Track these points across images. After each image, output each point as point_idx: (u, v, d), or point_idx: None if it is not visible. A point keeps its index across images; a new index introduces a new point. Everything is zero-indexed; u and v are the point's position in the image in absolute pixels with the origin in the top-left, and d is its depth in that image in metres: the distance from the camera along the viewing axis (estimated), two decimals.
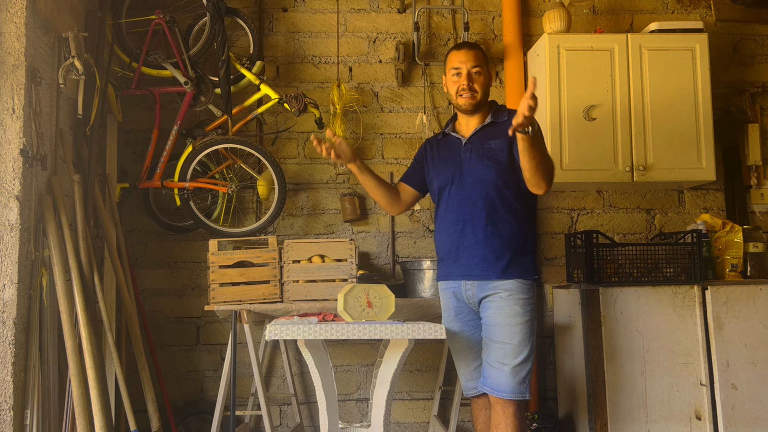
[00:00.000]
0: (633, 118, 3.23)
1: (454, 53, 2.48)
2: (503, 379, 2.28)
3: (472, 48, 2.48)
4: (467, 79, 2.41)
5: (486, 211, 2.37)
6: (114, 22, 3.20)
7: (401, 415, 3.40)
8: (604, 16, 3.66)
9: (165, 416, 3.10)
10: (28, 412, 2.50)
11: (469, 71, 2.42)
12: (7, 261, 2.49)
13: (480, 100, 2.44)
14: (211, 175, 3.24)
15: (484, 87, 2.45)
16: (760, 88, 3.66)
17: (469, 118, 2.50)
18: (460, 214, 2.42)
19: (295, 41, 3.55)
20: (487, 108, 2.50)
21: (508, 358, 2.29)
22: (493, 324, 2.34)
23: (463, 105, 2.44)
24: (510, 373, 2.28)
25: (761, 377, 2.90)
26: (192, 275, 3.40)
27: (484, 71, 2.45)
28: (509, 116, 2.43)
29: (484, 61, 2.47)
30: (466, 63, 2.43)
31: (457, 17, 3.60)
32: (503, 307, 2.33)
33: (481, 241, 2.37)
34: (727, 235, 3.17)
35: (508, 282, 2.34)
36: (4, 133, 2.55)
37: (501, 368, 2.29)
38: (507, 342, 2.30)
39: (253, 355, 2.82)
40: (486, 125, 2.46)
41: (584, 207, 3.57)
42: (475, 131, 2.47)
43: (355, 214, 3.41)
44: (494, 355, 2.32)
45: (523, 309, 2.32)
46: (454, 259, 2.44)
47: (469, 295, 2.41)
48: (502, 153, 2.40)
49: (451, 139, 2.54)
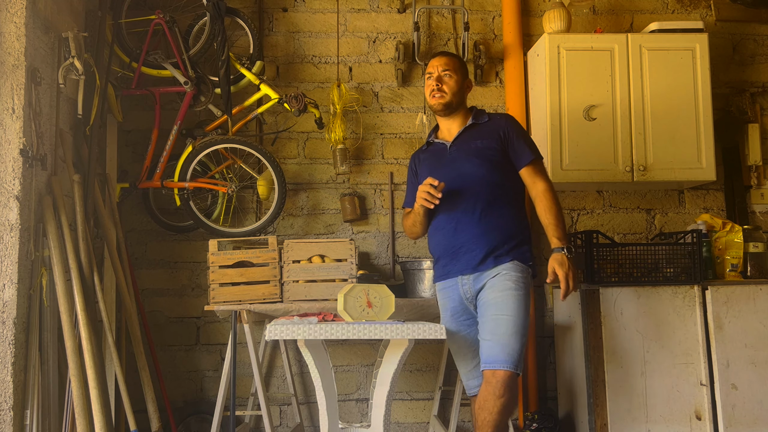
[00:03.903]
0: (633, 118, 3.23)
1: (431, 60, 2.62)
2: (494, 350, 2.27)
3: (446, 55, 2.62)
4: (437, 80, 2.53)
5: (479, 207, 2.42)
6: (114, 22, 3.20)
7: (401, 415, 3.40)
8: (604, 16, 3.66)
9: (165, 416, 3.10)
10: (28, 412, 2.50)
11: (440, 74, 2.54)
12: (7, 261, 2.49)
13: (449, 101, 2.53)
14: (211, 175, 3.24)
15: (453, 89, 2.53)
16: (760, 88, 3.66)
17: (450, 123, 2.59)
18: (452, 212, 2.46)
19: (295, 41, 3.55)
20: (465, 112, 2.61)
21: (499, 329, 2.29)
22: (485, 301, 2.36)
23: (434, 105, 2.56)
24: (500, 343, 2.27)
25: (761, 377, 2.90)
26: (192, 275, 3.40)
27: (456, 75, 2.55)
28: (490, 118, 2.57)
29: (458, 67, 2.58)
30: (438, 67, 2.56)
31: (457, 17, 3.60)
32: (496, 284, 2.36)
33: (477, 235, 2.41)
34: (727, 235, 3.17)
35: (503, 266, 2.38)
36: (4, 133, 2.55)
37: (492, 339, 2.29)
38: (499, 315, 2.31)
39: (253, 355, 2.82)
40: (468, 127, 2.56)
41: (584, 207, 3.57)
42: (459, 134, 2.55)
43: (355, 214, 3.41)
44: (486, 327, 2.33)
45: (515, 284, 2.34)
46: (451, 258, 2.46)
47: (466, 290, 2.43)
48: (490, 151, 2.47)
49: (435, 146, 2.62)
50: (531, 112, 3.46)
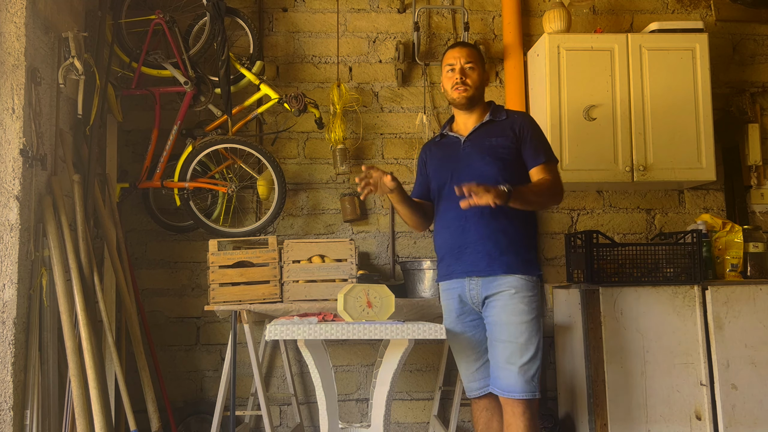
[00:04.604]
0: (633, 118, 3.23)
1: (449, 51, 2.52)
2: (512, 379, 2.26)
3: (466, 46, 2.55)
4: (460, 73, 2.45)
5: (489, 207, 2.32)
6: (114, 22, 3.20)
7: (401, 415, 3.40)
8: (604, 16, 3.66)
9: (165, 416, 3.09)
10: (28, 412, 2.50)
11: (462, 66, 2.46)
12: (7, 261, 2.49)
13: (473, 95, 2.46)
14: (211, 175, 3.24)
15: (476, 82, 2.47)
16: (760, 88, 3.66)
17: (467, 117, 2.51)
18: (461, 210, 2.36)
19: (295, 41, 3.55)
20: (484, 107, 2.52)
21: (515, 357, 2.27)
22: (498, 323, 2.32)
23: (457, 99, 2.46)
24: (518, 373, 2.26)
25: (761, 377, 2.90)
26: (192, 275, 3.40)
27: (478, 68, 2.48)
28: (508, 116, 2.49)
29: (479, 59, 2.51)
30: (460, 59, 2.47)
31: (457, 17, 3.60)
32: (508, 305, 2.31)
33: (484, 236, 2.36)
34: (727, 235, 3.17)
35: (513, 278, 2.32)
36: (4, 133, 2.55)
37: (509, 368, 2.27)
38: (513, 341, 2.27)
39: (253, 355, 2.82)
40: (485, 123, 2.48)
41: (584, 207, 3.57)
42: (474, 129, 2.48)
43: (355, 214, 3.41)
44: (501, 355, 2.29)
45: (528, 307, 2.31)
46: (456, 257, 2.42)
47: (473, 295, 2.38)
48: (504, 150, 2.41)
49: (449, 139, 2.54)
50: (531, 112, 3.46)
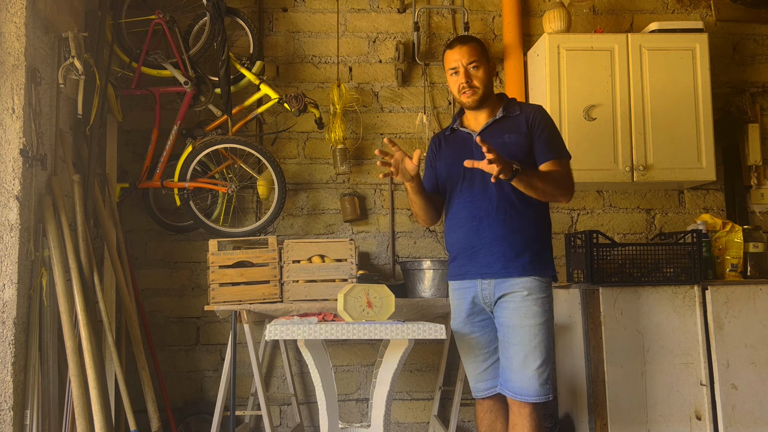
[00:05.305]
0: (633, 118, 3.23)
1: (449, 52, 2.40)
2: (526, 383, 2.24)
3: (465, 42, 2.38)
4: (465, 76, 2.34)
5: (503, 207, 2.30)
6: (114, 22, 3.20)
7: (401, 415, 3.40)
8: (604, 16, 3.66)
9: (165, 416, 3.09)
10: (27, 412, 2.50)
11: (466, 68, 2.34)
12: (7, 261, 2.49)
13: (483, 94, 2.36)
14: (211, 175, 3.24)
15: (484, 80, 2.35)
16: (760, 88, 3.66)
17: (477, 113, 2.42)
18: (474, 210, 2.33)
19: (295, 41, 3.55)
20: (495, 101, 2.43)
21: (529, 361, 2.24)
22: (511, 326, 2.28)
23: (467, 103, 2.37)
24: (533, 376, 2.23)
25: (761, 377, 2.90)
26: (192, 275, 3.40)
27: (482, 63, 2.36)
28: (521, 110, 2.39)
29: (481, 54, 2.37)
30: (462, 60, 2.35)
31: (457, 17, 3.60)
32: (521, 307, 2.27)
33: (500, 237, 2.30)
34: (727, 235, 3.17)
35: (527, 280, 2.28)
36: (4, 133, 2.55)
37: (524, 372, 2.24)
38: (526, 344, 2.24)
39: (253, 355, 2.82)
40: (498, 119, 2.39)
41: (584, 207, 3.57)
42: (487, 125, 2.39)
43: (355, 214, 3.41)
44: (515, 358, 2.26)
45: (541, 309, 2.27)
46: (470, 258, 2.36)
47: (486, 295, 2.34)
48: (517, 147, 2.32)
49: (460, 133, 2.45)
50: None
